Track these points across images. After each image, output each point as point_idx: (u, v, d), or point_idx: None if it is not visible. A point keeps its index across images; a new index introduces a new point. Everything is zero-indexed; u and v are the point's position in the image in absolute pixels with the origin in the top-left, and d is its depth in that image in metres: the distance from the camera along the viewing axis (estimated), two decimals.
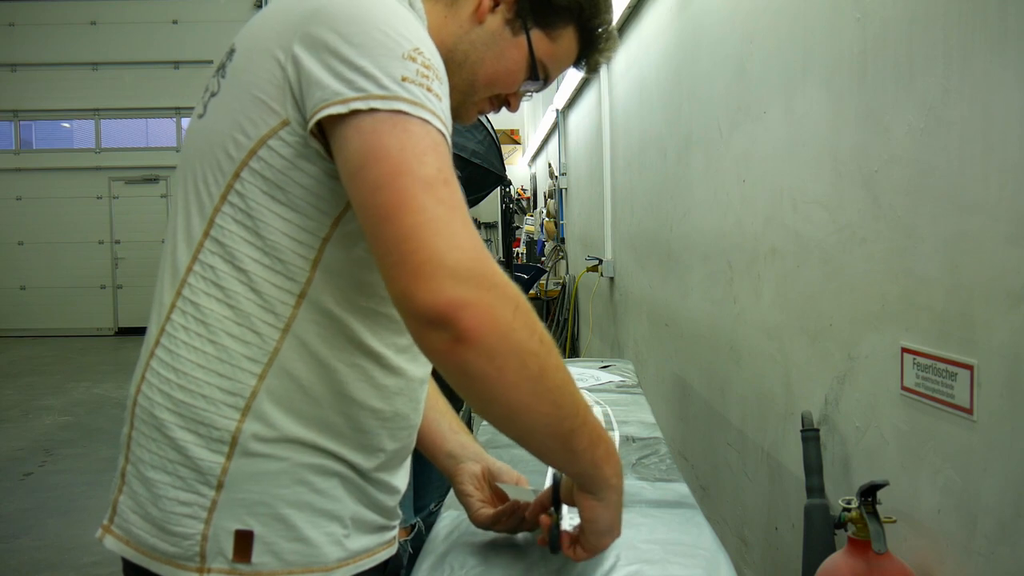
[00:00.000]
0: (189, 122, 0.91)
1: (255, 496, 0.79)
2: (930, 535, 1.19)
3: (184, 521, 0.79)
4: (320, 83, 0.72)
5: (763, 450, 1.92)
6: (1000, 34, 1.02)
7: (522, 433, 0.76)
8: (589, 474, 0.82)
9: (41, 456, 4.79)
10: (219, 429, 0.79)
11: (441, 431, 1.07)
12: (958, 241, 1.11)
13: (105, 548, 0.84)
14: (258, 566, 0.79)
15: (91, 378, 7.48)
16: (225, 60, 0.84)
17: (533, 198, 9.07)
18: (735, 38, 2.04)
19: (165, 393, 0.81)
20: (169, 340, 0.81)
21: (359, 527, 0.85)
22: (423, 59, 0.73)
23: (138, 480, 0.82)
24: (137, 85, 10.48)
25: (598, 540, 0.87)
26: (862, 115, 1.37)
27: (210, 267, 0.80)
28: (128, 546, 0.82)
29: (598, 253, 4.42)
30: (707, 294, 2.39)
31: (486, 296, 0.68)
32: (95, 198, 10.78)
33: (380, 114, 0.70)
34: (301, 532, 0.80)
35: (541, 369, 0.71)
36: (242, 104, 0.78)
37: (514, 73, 0.92)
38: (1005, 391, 1.02)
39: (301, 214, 0.78)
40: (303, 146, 0.76)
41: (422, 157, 0.69)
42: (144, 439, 0.82)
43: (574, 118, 5.82)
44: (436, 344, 0.68)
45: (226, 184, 0.79)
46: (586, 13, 0.93)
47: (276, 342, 0.79)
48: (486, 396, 0.71)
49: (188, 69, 10.40)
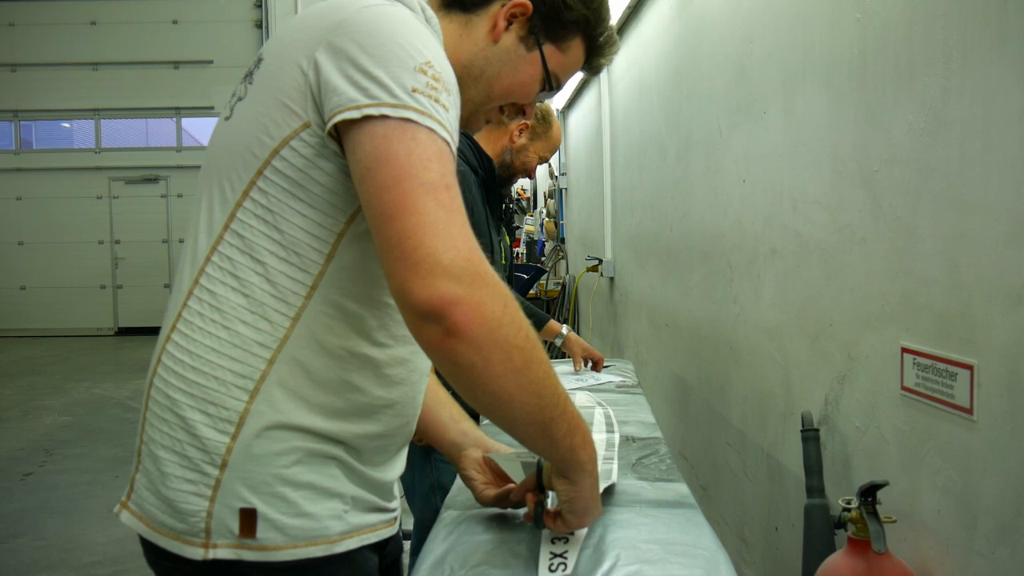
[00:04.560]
0: (215, 123, 0.97)
1: (257, 475, 0.83)
2: (930, 535, 1.19)
3: (190, 499, 0.83)
4: (337, 89, 0.78)
5: (763, 450, 1.92)
6: (1000, 34, 1.02)
7: (506, 420, 0.81)
8: (566, 459, 0.87)
9: (41, 456, 4.79)
10: (228, 409, 0.83)
11: (443, 420, 1.12)
12: (958, 241, 1.11)
13: (105, 548, 0.85)
14: (263, 540, 0.83)
15: (91, 378, 7.48)
16: (253, 68, 0.91)
17: (533, 198, 9.06)
18: (735, 38, 2.04)
19: (179, 374, 0.85)
20: (185, 325, 0.86)
21: (358, 505, 0.89)
22: (433, 72, 0.79)
23: (150, 459, 0.87)
24: (137, 85, 10.47)
25: (577, 519, 0.93)
26: (862, 115, 1.37)
27: (228, 258, 0.85)
28: (141, 522, 0.87)
29: (598, 253, 4.42)
30: (707, 294, 2.39)
31: (477, 293, 0.73)
32: (95, 198, 10.78)
33: (391, 121, 0.76)
34: (303, 508, 0.84)
35: (525, 362, 0.76)
36: (267, 108, 0.84)
37: (529, 85, 0.99)
38: (1005, 391, 1.02)
39: (319, 211, 0.83)
40: (322, 146, 0.82)
41: (427, 163, 0.75)
42: (157, 419, 0.87)
43: (574, 118, 5.82)
44: (429, 336, 0.73)
45: (249, 181, 0.84)
46: (592, 24, 1.00)
47: (286, 330, 0.84)
48: (474, 385, 0.76)
49: (188, 69, 10.40)
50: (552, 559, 0.94)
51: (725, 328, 2.21)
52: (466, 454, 1.12)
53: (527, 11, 0.95)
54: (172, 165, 10.69)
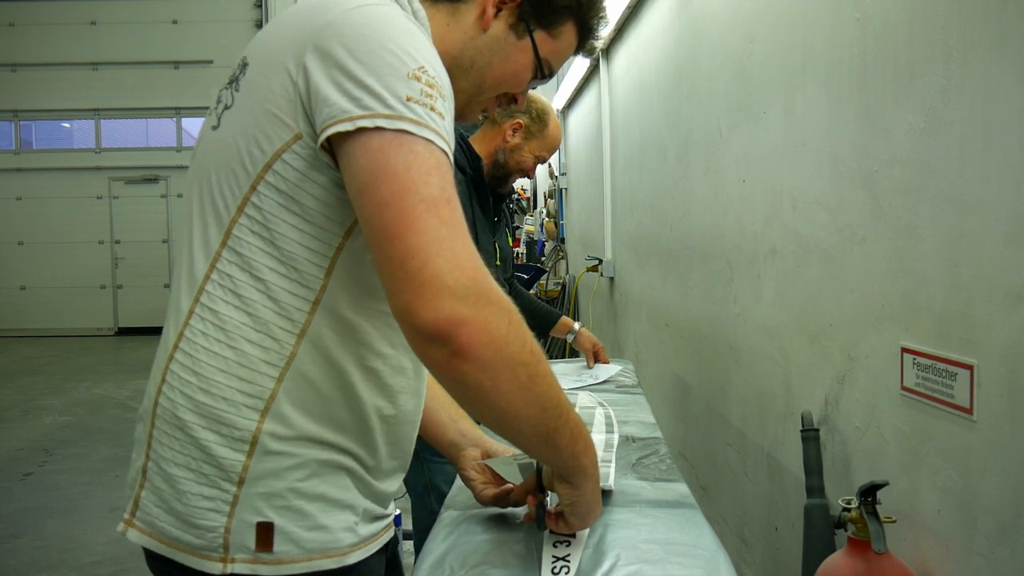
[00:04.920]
0: (200, 131, 0.94)
1: (273, 490, 0.83)
2: (930, 535, 1.19)
3: (208, 515, 0.83)
4: (328, 100, 0.75)
5: (763, 450, 1.92)
6: (1000, 34, 1.02)
7: (511, 433, 0.82)
8: (569, 466, 0.88)
9: (41, 456, 4.79)
10: (240, 429, 0.82)
11: (442, 421, 1.12)
12: (958, 241, 1.11)
13: (105, 548, 0.85)
14: (280, 554, 0.83)
15: (91, 378, 7.48)
16: (238, 73, 0.87)
17: (533, 198, 9.07)
18: (735, 38, 2.04)
19: (187, 395, 0.84)
20: (189, 345, 0.85)
21: (366, 516, 0.90)
22: (428, 78, 0.76)
23: (160, 477, 0.86)
24: (137, 85, 10.46)
25: (579, 521, 0.94)
26: (862, 115, 1.37)
27: (228, 276, 0.83)
28: (152, 538, 0.86)
29: (598, 253, 4.42)
30: (707, 294, 2.39)
31: (482, 313, 0.72)
32: (95, 198, 10.77)
33: (386, 133, 0.73)
34: (318, 521, 0.84)
35: (530, 377, 0.76)
36: (256, 119, 0.82)
37: (521, 74, 0.97)
38: (1005, 391, 1.02)
39: (315, 225, 0.81)
40: (314, 158, 0.79)
41: (427, 178, 0.73)
42: (166, 438, 0.86)
43: (574, 118, 5.82)
44: (435, 357, 0.73)
45: (243, 197, 0.82)
46: (584, 7, 0.97)
47: (292, 347, 0.83)
48: (480, 403, 0.77)
49: (188, 69, 10.39)
50: (555, 562, 0.94)
51: (725, 328, 2.21)
52: (465, 454, 1.12)
53: None
54: (172, 165, 10.68)
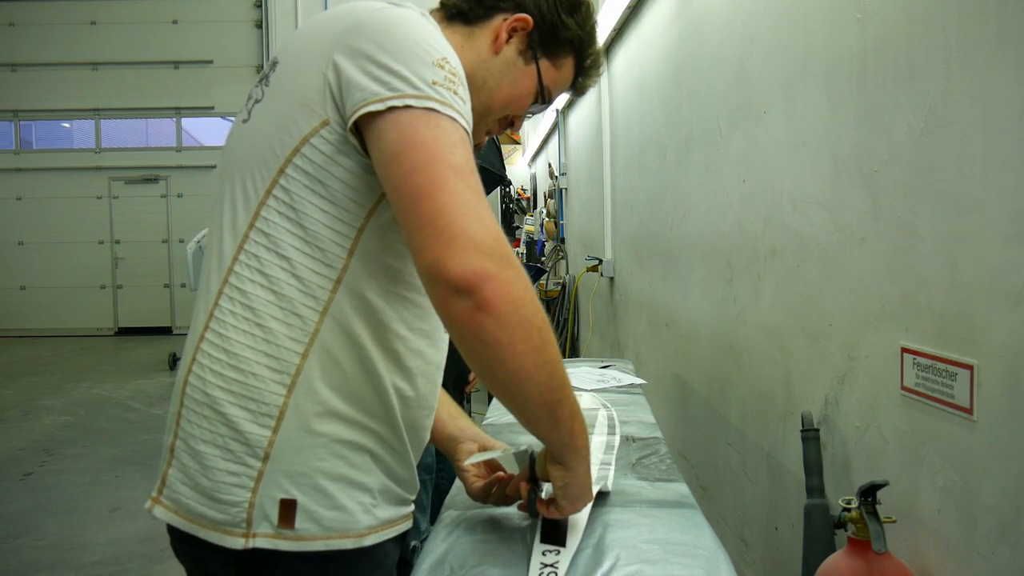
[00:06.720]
0: (230, 130, 1.00)
1: (297, 467, 0.86)
2: (930, 535, 1.19)
3: (233, 490, 0.87)
4: (359, 85, 0.82)
5: (763, 450, 1.92)
6: (1000, 34, 1.02)
7: (518, 399, 0.84)
8: (565, 443, 0.91)
9: (41, 456, 4.79)
10: (267, 404, 0.87)
11: (441, 417, 1.16)
12: (958, 241, 1.11)
13: (105, 548, 0.86)
14: (301, 531, 0.86)
15: (91, 378, 7.48)
16: (268, 71, 0.95)
17: (533, 198, 9.07)
18: (735, 38, 2.04)
19: (216, 372, 0.89)
20: (218, 324, 0.89)
21: (385, 498, 0.93)
22: (450, 67, 0.84)
23: (188, 454, 0.90)
24: (137, 85, 10.47)
25: (570, 504, 0.97)
26: (862, 115, 1.37)
27: (255, 256, 0.88)
28: (177, 515, 0.91)
29: (598, 253, 4.42)
30: (707, 294, 2.39)
31: (506, 271, 0.76)
32: (95, 198, 10.78)
33: (414, 110, 0.80)
34: (338, 500, 0.88)
35: (543, 342, 0.80)
36: (286, 108, 0.88)
37: (525, 97, 1.04)
38: (1005, 391, 1.02)
39: (339, 206, 0.87)
40: (342, 143, 0.85)
41: (452, 148, 0.79)
42: (195, 416, 0.90)
43: (574, 118, 5.82)
44: (459, 310, 0.76)
45: (271, 180, 0.88)
46: (584, 44, 1.06)
47: (316, 323, 0.87)
48: (494, 362, 0.79)
49: (188, 69, 10.40)
50: (543, 569, 0.94)
51: (725, 328, 2.21)
52: (462, 447, 1.16)
53: (528, 26, 1.00)
54: (172, 165, 10.69)
